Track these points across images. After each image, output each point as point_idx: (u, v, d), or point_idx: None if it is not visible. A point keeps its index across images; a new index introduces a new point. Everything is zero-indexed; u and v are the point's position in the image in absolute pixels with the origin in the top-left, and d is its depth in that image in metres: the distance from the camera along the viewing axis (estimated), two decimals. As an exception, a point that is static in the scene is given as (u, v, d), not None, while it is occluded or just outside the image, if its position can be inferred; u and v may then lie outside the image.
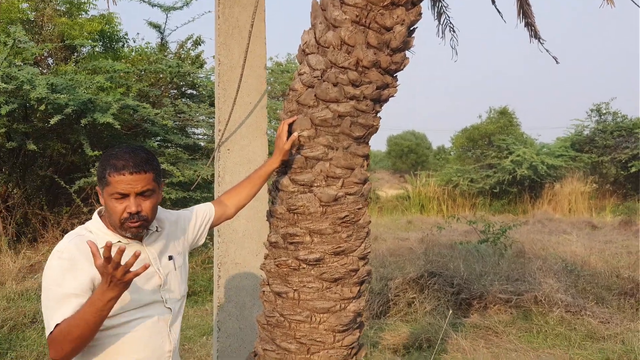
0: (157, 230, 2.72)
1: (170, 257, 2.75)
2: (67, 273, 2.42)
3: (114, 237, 2.56)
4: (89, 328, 2.31)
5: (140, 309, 2.57)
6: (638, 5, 4.36)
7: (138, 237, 2.62)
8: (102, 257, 2.21)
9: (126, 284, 2.28)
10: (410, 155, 45.43)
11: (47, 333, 2.40)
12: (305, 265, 3.22)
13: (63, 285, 2.40)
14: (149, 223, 2.60)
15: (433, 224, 15.80)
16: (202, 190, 11.72)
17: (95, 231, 2.58)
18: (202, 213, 3.07)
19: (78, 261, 2.43)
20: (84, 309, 2.31)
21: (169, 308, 2.69)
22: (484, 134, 27.02)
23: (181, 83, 13.85)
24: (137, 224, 2.52)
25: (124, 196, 2.48)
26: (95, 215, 2.66)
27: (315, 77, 3.23)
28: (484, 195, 25.63)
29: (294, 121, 3.25)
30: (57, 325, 2.35)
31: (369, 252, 3.38)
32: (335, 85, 3.17)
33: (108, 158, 2.51)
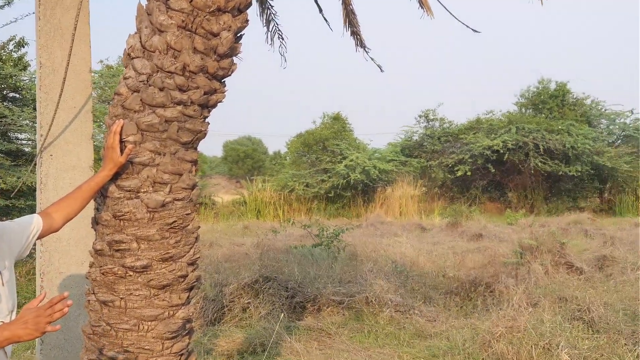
0: None
1: None
2: None
3: None
4: None
5: None
6: (452, 14, 4.65)
7: None
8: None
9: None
10: (246, 160, 45.68)
11: None
12: (132, 273, 3.17)
13: None
14: None
15: (269, 228, 15.92)
16: (27, 198, 11.17)
17: None
18: (29, 225, 2.92)
19: None
20: None
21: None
22: (319, 139, 27.59)
23: (2, 86, 13.12)
24: None
25: None
26: None
27: (141, 81, 3.19)
28: (319, 200, 26.20)
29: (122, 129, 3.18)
30: None
31: (199, 257, 3.38)
32: (161, 90, 3.15)
33: None
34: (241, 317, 7.87)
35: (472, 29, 5.07)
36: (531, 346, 5.70)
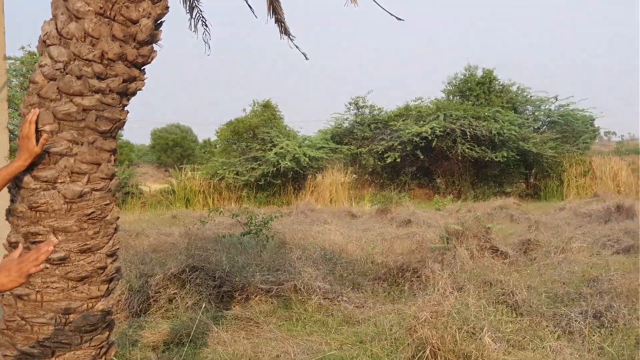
0: None
1: None
2: None
3: None
4: None
5: None
6: (377, 2, 4.68)
7: None
8: None
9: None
10: (175, 148, 45.16)
11: None
12: (49, 265, 3.09)
13: None
14: None
15: (198, 217, 15.77)
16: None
17: None
18: None
19: None
20: None
21: None
22: (249, 126, 27.43)
23: None
24: None
25: None
26: None
27: (57, 69, 3.11)
28: (249, 188, 26.10)
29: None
30: None
31: (118, 248, 3.33)
32: (79, 78, 3.07)
33: None
34: (167, 307, 7.75)
35: (397, 17, 5.10)
36: (455, 330, 5.79)
